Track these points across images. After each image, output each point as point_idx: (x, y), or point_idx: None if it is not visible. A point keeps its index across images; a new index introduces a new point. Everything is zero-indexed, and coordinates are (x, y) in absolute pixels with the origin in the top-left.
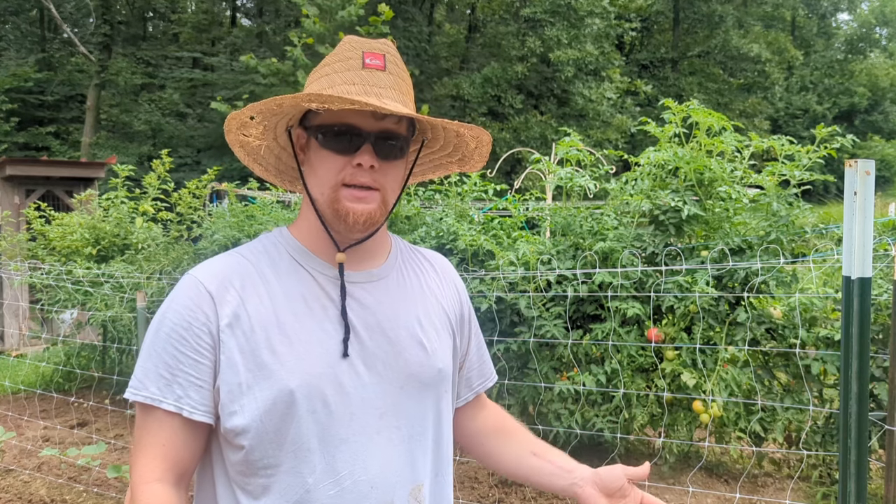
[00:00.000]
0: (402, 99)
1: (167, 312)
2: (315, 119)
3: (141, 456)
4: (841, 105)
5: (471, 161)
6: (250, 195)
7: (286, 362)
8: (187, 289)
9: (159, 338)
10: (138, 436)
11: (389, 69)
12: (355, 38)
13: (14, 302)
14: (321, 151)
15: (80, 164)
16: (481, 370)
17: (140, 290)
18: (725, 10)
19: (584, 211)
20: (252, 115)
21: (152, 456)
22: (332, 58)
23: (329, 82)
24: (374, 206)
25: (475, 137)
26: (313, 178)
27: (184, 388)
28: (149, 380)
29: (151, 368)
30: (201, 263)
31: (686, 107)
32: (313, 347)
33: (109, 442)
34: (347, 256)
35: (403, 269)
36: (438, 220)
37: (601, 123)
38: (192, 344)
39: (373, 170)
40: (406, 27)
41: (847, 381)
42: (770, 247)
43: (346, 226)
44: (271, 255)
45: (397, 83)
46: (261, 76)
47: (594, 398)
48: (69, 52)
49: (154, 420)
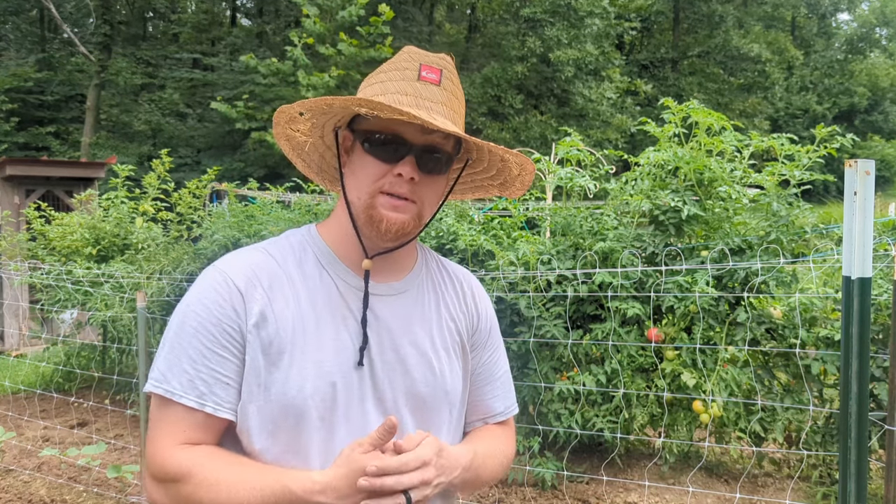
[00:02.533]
0: (452, 116)
1: (194, 306)
2: (363, 124)
3: (159, 442)
4: (841, 105)
5: (512, 187)
6: (250, 195)
7: (304, 369)
8: (216, 283)
9: (185, 331)
10: (155, 427)
11: (444, 84)
12: (415, 49)
13: (14, 302)
14: (365, 156)
15: (80, 164)
16: (494, 400)
17: (140, 290)
18: (725, 10)
19: (584, 211)
20: (301, 112)
21: (171, 441)
22: (389, 65)
23: (382, 89)
24: (408, 216)
25: (519, 164)
26: (353, 180)
27: (208, 385)
28: (171, 374)
29: (175, 362)
30: (227, 257)
31: (686, 107)
32: (329, 356)
33: (109, 442)
34: (373, 264)
35: (424, 286)
36: (438, 220)
37: (601, 123)
38: (221, 341)
39: (412, 182)
40: (406, 27)
41: (847, 381)
42: (770, 247)
43: (378, 233)
44: (297, 255)
45: (450, 100)
46: (261, 76)
47: (594, 398)
48: (69, 52)
49: (173, 413)
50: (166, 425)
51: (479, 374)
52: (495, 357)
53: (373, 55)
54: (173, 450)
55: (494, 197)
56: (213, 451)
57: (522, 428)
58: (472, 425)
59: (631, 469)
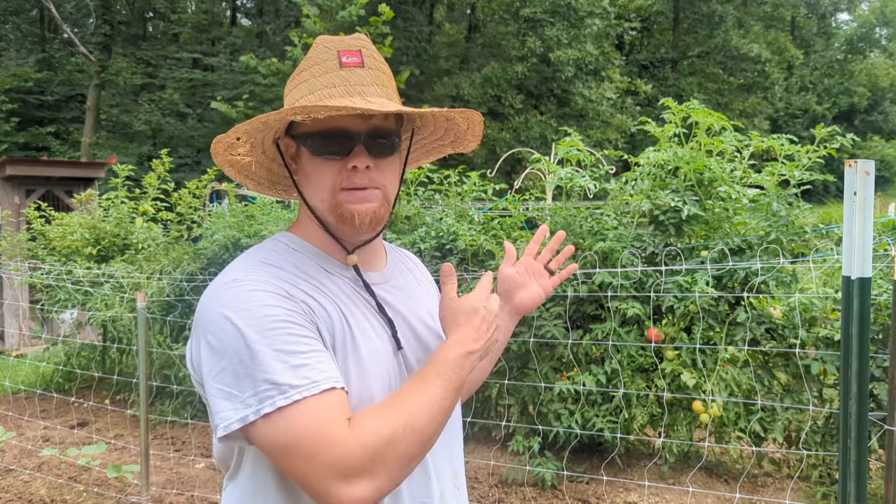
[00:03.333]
0: (385, 93)
1: (247, 317)
2: (302, 127)
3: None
4: (841, 105)
5: (464, 141)
6: (250, 195)
7: (364, 362)
8: (255, 290)
9: (269, 337)
10: (312, 432)
11: (368, 64)
12: (327, 37)
13: (14, 302)
14: (314, 159)
15: (80, 164)
16: None
17: (140, 290)
18: (725, 10)
19: (584, 211)
20: (238, 136)
21: (342, 425)
22: (307, 62)
23: (309, 88)
24: (376, 204)
25: (466, 118)
26: (309, 186)
27: (322, 365)
28: (282, 378)
29: (281, 369)
30: (234, 274)
31: (686, 107)
32: (378, 345)
33: (109, 442)
34: (357, 258)
35: (401, 268)
36: (438, 220)
37: (601, 123)
38: (307, 326)
39: (368, 170)
40: (406, 27)
41: (847, 381)
42: (770, 247)
43: (353, 228)
44: (298, 257)
45: (378, 77)
46: (261, 76)
47: (594, 398)
48: (69, 52)
49: (323, 405)
50: (323, 419)
51: None
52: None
53: None
54: (351, 430)
55: (494, 197)
56: (373, 405)
57: (522, 428)
58: None
59: (631, 469)
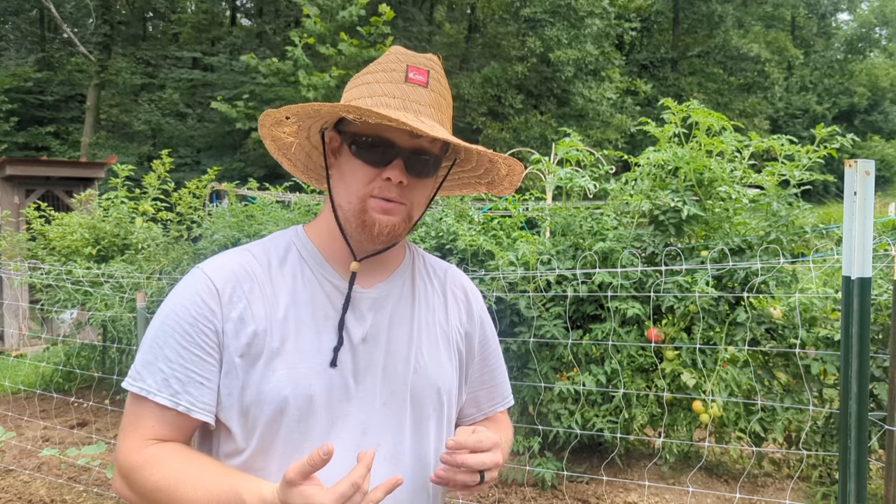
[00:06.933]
0: (440, 118)
1: (172, 306)
2: (350, 126)
3: (128, 437)
4: (841, 105)
5: (500, 186)
6: (250, 195)
7: (279, 370)
8: (195, 283)
9: (163, 331)
10: (128, 423)
11: (432, 86)
12: (402, 49)
13: (14, 302)
14: (353, 160)
15: (80, 164)
16: (492, 392)
17: (140, 290)
18: (725, 9)
19: (584, 211)
20: (288, 116)
21: (140, 436)
22: (376, 66)
23: (369, 91)
24: (398, 219)
25: (508, 165)
26: (341, 184)
27: (183, 384)
28: (147, 372)
29: (151, 360)
30: (211, 258)
31: (686, 107)
32: (307, 357)
33: (109, 442)
34: (361, 266)
35: (409, 284)
36: (438, 220)
37: (601, 123)
38: (197, 340)
39: (401, 185)
40: (406, 27)
41: (847, 381)
42: (770, 247)
43: (370, 237)
44: (282, 256)
45: (437, 101)
46: (261, 76)
47: (594, 398)
48: (69, 52)
49: (146, 410)
50: (138, 421)
51: (476, 368)
52: (490, 348)
53: (373, 55)
54: (141, 444)
55: (494, 197)
56: (179, 447)
57: (522, 428)
58: (473, 417)
59: (631, 469)
